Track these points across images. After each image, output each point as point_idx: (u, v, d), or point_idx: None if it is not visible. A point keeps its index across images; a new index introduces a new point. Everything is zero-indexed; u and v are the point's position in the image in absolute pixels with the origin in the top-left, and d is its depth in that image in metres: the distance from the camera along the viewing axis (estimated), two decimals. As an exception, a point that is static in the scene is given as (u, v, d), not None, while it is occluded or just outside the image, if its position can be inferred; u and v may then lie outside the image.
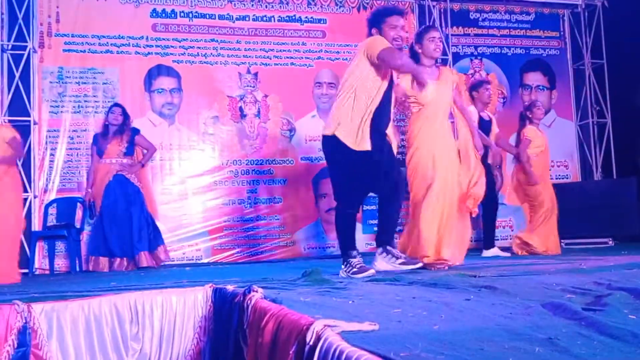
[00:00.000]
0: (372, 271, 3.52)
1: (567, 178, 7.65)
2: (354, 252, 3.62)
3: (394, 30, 3.65)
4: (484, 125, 5.64)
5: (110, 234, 5.62)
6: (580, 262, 4.02)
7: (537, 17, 7.90)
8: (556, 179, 7.03)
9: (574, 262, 4.05)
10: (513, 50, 7.78)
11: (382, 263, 3.70)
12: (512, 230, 7.15)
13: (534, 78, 7.83)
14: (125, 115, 5.91)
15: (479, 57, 7.64)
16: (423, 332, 1.66)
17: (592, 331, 1.60)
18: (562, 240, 6.56)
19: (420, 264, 3.73)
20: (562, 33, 7.97)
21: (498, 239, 6.36)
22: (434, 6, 7.40)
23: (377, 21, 3.71)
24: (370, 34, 3.72)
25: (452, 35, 7.47)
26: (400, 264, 3.66)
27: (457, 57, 7.51)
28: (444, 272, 3.55)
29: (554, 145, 7.30)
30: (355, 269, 3.54)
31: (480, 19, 7.72)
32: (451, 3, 7.48)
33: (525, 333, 1.59)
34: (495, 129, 5.80)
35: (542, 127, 7.38)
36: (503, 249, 5.94)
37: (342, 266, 3.64)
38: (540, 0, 7.78)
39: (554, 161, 7.44)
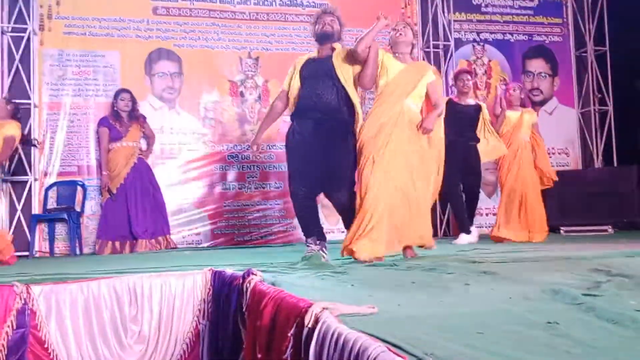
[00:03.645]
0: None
1: (568, 166, 7.63)
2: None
3: (321, 23, 4.00)
4: (469, 114, 5.64)
5: (134, 216, 5.72)
6: (579, 248, 4.02)
7: (541, 3, 7.83)
8: (557, 166, 7.00)
9: (573, 249, 4.05)
10: (516, 37, 7.73)
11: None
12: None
13: (537, 65, 7.78)
14: (134, 100, 6.00)
15: (481, 43, 7.59)
16: (422, 316, 1.66)
17: (591, 316, 1.60)
18: (562, 228, 6.58)
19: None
20: (565, 20, 7.91)
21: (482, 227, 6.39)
22: (436, -8, 7.34)
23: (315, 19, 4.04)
24: None
25: (454, 21, 7.42)
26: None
27: (459, 43, 7.46)
28: (443, 258, 3.55)
29: (555, 133, 7.29)
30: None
31: (483, 4, 7.65)
32: (454, -10, 7.42)
33: (524, 317, 1.59)
34: (485, 116, 5.78)
35: (543, 114, 7.41)
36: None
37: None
38: (543, -13, 7.72)
39: (554, 148, 7.43)
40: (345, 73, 3.81)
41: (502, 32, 7.67)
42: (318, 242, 3.73)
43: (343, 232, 4.13)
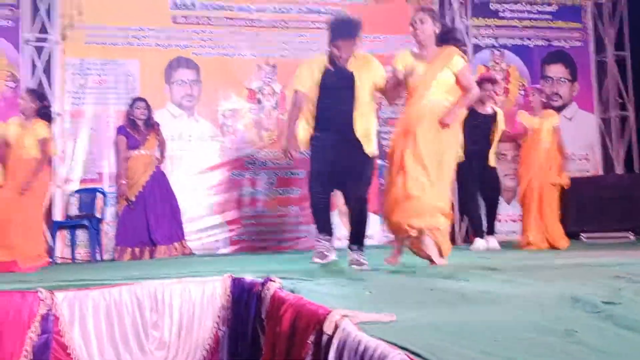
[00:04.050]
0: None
1: (588, 171, 7.55)
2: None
3: (338, 52, 3.93)
4: (487, 122, 5.63)
5: (154, 223, 5.80)
6: (599, 255, 3.98)
7: (560, 8, 7.78)
8: (577, 172, 6.94)
9: (593, 256, 4.01)
10: (534, 42, 7.68)
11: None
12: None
13: (556, 70, 7.72)
14: (149, 108, 6.05)
15: (499, 49, 7.56)
16: (440, 323, 1.67)
17: (609, 324, 1.60)
18: (582, 234, 6.51)
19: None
20: (584, 24, 7.84)
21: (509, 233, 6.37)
22: (454, -4, 7.33)
23: (330, 37, 3.98)
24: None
25: (472, 26, 7.40)
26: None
27: (477, 49, 7.44)
28: (461, 265, 3.54)
29: (575, 138, 7.21)
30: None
31: (501, 10, 7.63)
32: (472, -7, 7.41)
33: (542, 325, 1.59)
34: (500, 124, 5.78)
35: (562, 119, 7.35)
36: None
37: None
38: (562, -8, 7.68)
39: (574, 154, 7.35)
40: (365, 82, 3.91)
41: (520, 38, 7.63)
42: (328, 238, 3.97)
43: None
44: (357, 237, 3.94)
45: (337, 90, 3.90)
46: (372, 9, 7.13)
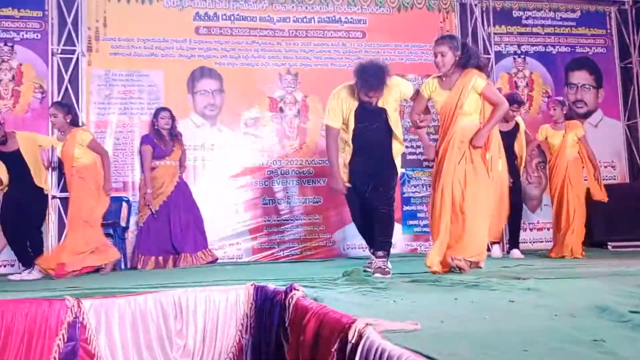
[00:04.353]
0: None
1: (615, 179, 7.45)
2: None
3: (368, 98, 4.06)
4: (507, 135, 5.62)
5: (178, 232, 5.85)
6: (626, 264, 3.92)
7: (583, 14, 7.71)
8: (603, 179, 6.84)
9: (620, 265, 3.95)
10: (558, 49, 7.62)
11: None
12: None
13: (580, 77, 7.64)
14: (173, 118, 6.13)
15: (522, 56, 7.51)
16: (466, 333, 1.65)
17: (638, 333, 1.57)
18: (609, 243, 6.41)
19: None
20: (608, 31, 7.76)
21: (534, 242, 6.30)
22: (475, 5, 7.30)
23: (357, 80, 4.07)
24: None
25: (494, 33, 7.37)
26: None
27: (499, 56, 7.40)
28: (486, 274, 3.51)
29: (601, 145, 7.11)
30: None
31: (523, 17, 7.58)
32: (494, 1, 7.37)
33: (570, 334, 1.57)
34: (521, 137, 5.78)
35: (588, 126, 7.27)
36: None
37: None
38: (585, -2, 7.61)
39: (600, 161, 7.24)
40: (392, 109, 4.17)
41: (543, 44, 7.57)
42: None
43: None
44: (382, 245, 4.06)
45: (370, 122, 4.16)
46: (394, 18, 7.16)
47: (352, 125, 4.17)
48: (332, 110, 4.23)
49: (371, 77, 3.98)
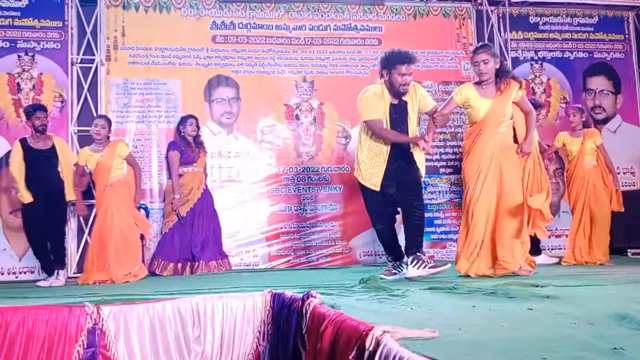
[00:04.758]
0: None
1: (634, 185, 7.36)
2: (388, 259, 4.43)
3: (402, 77, 4.13)
4: None
5: (200, 239, 5.92)
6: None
7: (601, 19, 7.66)
8: (622, 186, 6.77)
9: (639, 272, 3.90)
10: (575, 54, 7.57)
11: (413, 270, 4.03)
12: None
13: (598, 82, 7.58)
14: (198, 126, 6.23)
15: (539, 62, 7.47)
16: (484, 341, 1.65)
17: (660, 342, 1.55)
18: (629, 250, 6.33)
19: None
20: (626, 36, 7.69)
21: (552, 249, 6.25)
22: (492, 11, 7.28)
23: (388, 65, 4.18)
24: (380, 75, 4.27)
25: (511, 39, 7.34)
26: (430, 267, 4.00)
27: (516, 62, 7.36)
28: (504, 282, 3.49)
29: (620, 152, 7.04)
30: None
31: (540, 22, 7.54)
32: (510, 7, 7.35)
33: (589, 343, 1.56)
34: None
35: (606, 132, 7.21)
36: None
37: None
38: (603, 3, 7.54)
39: (619, 168, 7.17)
40: (414, 111, 4.31)
41: (561, 50, 7.53)
42: (391, 261, 4.37)
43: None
44: (419, 244, 4.20)
45: (397, 121, 4.25)
46: (410, 25, 7.16)
47: (386, 123, 4.23)
48: (369, 104, 4.26)
49: (401, 52, 4.17)
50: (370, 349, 1.61)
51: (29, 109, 5.44)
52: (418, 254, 4.05)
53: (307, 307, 2.39)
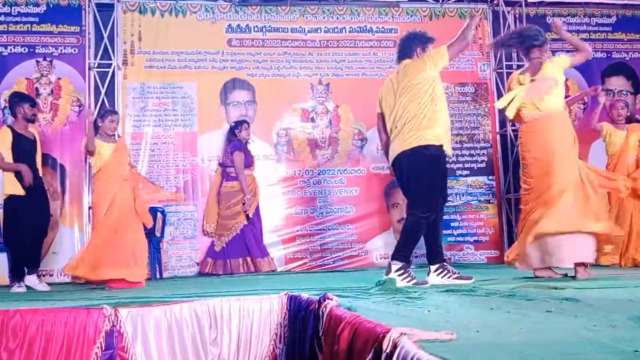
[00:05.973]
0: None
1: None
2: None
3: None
4: None
5: (255, 239, 6.20)
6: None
7: (619, 19, 7.57)
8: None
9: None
10: (594, 55, 7.48)
11: (437, 279, 3.86)
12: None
13: (617, 82, 7.50)
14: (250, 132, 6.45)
15: (556, 62, 7.39)
16: (502, 344, 1.63)
17: (683, 345, 1.52)
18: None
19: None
20: (646, 35, 7.61)
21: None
22: (508, 11, 7.24)
23: (425, 41, 4.35)
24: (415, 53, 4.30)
25: (527, 40, 7.26)
26: (455, 278, 3.85)
27: (533, 63, 7.29)
28: (522, 284, 3.45)
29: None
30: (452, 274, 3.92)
31: (557, 23, 7.47)
32: (527, 8, 7.29)
33: (610, 346, 1.53)
34: None
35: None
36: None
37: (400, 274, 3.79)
38: (621, 3, 7.45)
39: (639, 169, 7.07)
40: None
41: (578, 50, 7.43)
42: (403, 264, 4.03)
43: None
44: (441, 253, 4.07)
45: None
46: (425, 26, 7.10)
47: None
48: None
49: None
50: (388, 351, 1.60)
51: (24, 97, 5.27)
52: (444, 263, 3.94)
53: (324, 309, 2.39)
